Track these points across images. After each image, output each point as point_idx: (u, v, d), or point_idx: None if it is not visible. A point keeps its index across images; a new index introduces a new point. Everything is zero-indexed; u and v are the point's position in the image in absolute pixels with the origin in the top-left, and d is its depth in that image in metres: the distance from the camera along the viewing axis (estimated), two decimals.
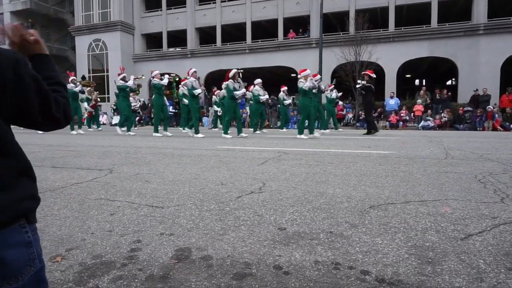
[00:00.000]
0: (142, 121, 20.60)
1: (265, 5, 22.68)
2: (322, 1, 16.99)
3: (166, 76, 10.49)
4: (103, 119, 20.78)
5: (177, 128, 14.71)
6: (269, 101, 13.57)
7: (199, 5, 24.58)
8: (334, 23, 21.14)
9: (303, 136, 8.54)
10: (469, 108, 15.36)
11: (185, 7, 24.47)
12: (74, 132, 11.22)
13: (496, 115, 14.68)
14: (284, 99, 13.42)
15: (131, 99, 13.03)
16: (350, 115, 18.62)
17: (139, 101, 18.75)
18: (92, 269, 1.37)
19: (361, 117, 16.30)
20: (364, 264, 1.38)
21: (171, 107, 18.11)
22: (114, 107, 23.04)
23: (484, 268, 1.33)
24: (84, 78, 14.83)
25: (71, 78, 12.14)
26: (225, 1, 23.69)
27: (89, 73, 25.78)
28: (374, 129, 10.36)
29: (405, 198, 2.40)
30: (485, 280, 1.23)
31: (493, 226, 1.81)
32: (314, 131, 9.19)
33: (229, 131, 9.34)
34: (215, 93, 14.96)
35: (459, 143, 6.88)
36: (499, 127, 14.15)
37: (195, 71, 9.96)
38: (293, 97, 20.41)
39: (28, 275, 0.70)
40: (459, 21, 19.42)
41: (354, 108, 18.71)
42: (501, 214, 2.00)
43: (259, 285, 1.23)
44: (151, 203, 2.35)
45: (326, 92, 12.52)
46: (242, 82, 12.60)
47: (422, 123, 15.56)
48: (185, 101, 11.78)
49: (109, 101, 23.57)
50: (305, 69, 9.13)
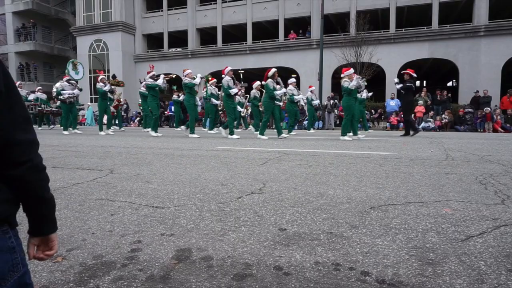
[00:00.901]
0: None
1: (266, 6, 22.70)
2: (323, 2, 17.00)
3: (199, 75, 10.11)
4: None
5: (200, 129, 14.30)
6: (304, 102, 13.12)
7: (200, 5, 24.61)
8: (334, 24, 21.15)
9: (346, 137, 8.24)
10: (469, 110, 15.35)
11: (186, 7, 24.51)
12: (103, 133, 10.84)
13: (498, 116, 14.67)
14: (312, 99, 13.22)
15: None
16: None
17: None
18: (92, 269, 1.37)
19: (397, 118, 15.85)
20: (364, 265, 1.38)
21: (173, 107, 18.07)
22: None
23: (485, 269, 1.33)
24: (115, 77, 14.35)
25: (101, 77, 11.72)
26: (226, 2, 23.71)
27: (90, 73, 25.80)
28: (414, 130, 9.77)
29: (405, 199, 2.39)
30: (485, 282, 1.23)
31: (493, 227, 1.80)
32: (357, 132, 8.84)
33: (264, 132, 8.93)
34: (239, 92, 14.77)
35: (459, 145, 6.88)
36: (499, 128, 14.15)
37: (231, 70, 9.49)
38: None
39: (12, 280, 0.69)
40: (460, 22, 19.42)
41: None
42: (502, 216, 2.00)
43: (259, 286, 1.23)
44: (152, 203, 2.35)
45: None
46: (242, 82, 12.54)
47: (423, 124, 15.55)
48: (214, 101, 11.53)
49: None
50: (349, 68, 8.80)
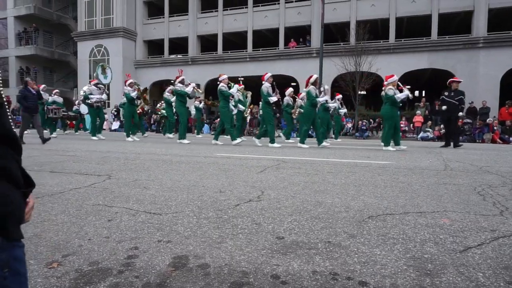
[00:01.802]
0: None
1: (266, 14, 22.91)
2: (323, 11, 17.16)
3: (236, 86, 9.79)
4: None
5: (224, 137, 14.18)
6: (337, 107, 12.88)
7: (201, 13, 24.82)
8: (335, 33, 21.33)
9: (390, 148, 8.09)
10: (468, 120, 15.42)
11: (187, 14, 24.72)
12: (130, 139, 10.50)
13: (495, 127, 14.74)
14: (339, 108, 13.08)
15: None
16: (350, 125, 18.67)
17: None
18: (88, 275, 1.36)
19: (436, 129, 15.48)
20: (362, 275, 1.37)
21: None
22: (115, 112, 23.07)
23: (483, 281, 1.32)
24: (146, 90, 13.84)
25: (130, 81, 11.16)
26: (226, 10, 23.93)
27: (90, 78, 25.86)
28: (456, 143, 9.49)
29: (404, 209, 2.39)
30: None
31: (492, 239, 1.80)
32: (400, 142, 8.49)
33: (296, 140, 8.83)
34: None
35: (458, 155, 6.89)
36: (498, 139, 14.19)
37: (271, 76, 9.12)
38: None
39: None
40: (459, 34, 19.61)
41: (354, 118, 18.76)
42: (500, 227, 1.99)
43: None
44: (149, 209, 2.34)
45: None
46: (245, 90, 12.48)
47: (422, 134, 15.60)
48: (241, 107, 11.34)
49: (109, 106, 23.61)
50: (392, 75, 8.48)
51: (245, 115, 13.53)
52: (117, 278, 1.33)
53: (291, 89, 12.27)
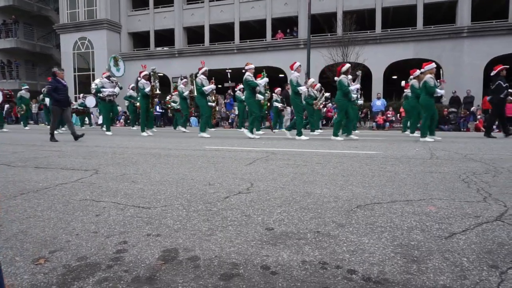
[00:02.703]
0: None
1: (253, 5, 22.70)
2: (310, 2, 17.09)
3: (266, 78, 9.39)
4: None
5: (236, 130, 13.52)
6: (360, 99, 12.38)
7: (187, 4, 24.45)
8: (322, 24, 21.30)
9: (428, 138, 7.86)
10: (453, 109, 15.67)
11: (172, 6, 24.31)
12: (145, 134, 9.96)
13: (479, 116, 15.02)
14: (357, 99, 12.39)
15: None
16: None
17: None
18: (76, 271, 1.34)
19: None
20: (351, 263, 1.39)
21: (157, 107, 17.76)
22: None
23: (468, 266, 1.36)
24: (155, 72, 12.76)
25: (144, 72, 10.31)
26: (213, 1, 23.62)
27: (74, 72, 25.34)
28: (506, 132, 9.14)
29: (391, 198, 2.43)
30: (468, 278, 1.26)
31: (476, 224, 1.85)
32: (434, 132, 8.30)
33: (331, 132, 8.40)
34: (237, 88, 14.00)
35: (443, 144, 7.01)
36: (482, 127, 14.48)
37: (300, 65, 8.71)
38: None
39: None
40: (444, 23, 19.82)
41: None
42: (484, 213, 2.04)
43: (246, 286, 1.22)
44: (138, 203, 2.32)
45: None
46: (230, 82, 12.22)
47: (409, 124, 15.78)
48: (260, 96, 10.56)
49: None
50: (430, 62, 8.25)
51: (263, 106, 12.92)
52: (106, 273, 1.32)
53: (312, 80, 11.90)
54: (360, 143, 7.20)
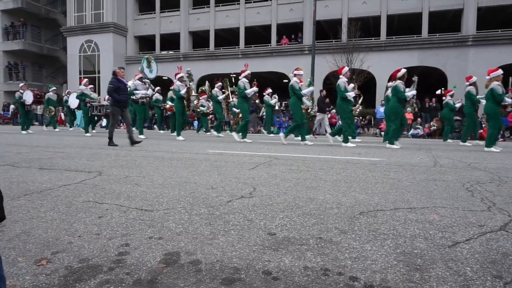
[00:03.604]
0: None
1: (258, 11, 22.83)
2: (315, 8, 17.17)
3: (312, 87, 9.24)
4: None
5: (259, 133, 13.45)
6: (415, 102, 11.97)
7: (193, 9, 24.64)
8: (326, 30, 21.37)
9: (493, 149, 7.48)
10: (457, 118, 15.60)
11: (178, 10, 24.50)
12: (181, 138, 9.52)
13: (484, 125, 14.94)
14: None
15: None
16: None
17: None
18: (78, 273, 1.35)
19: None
20: (353, 270, 1.39)
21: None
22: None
23: (471, 275, 1.34)
24: (190, 75, 11.81)
25: (180, 74, 9.98)
26: (218, 6, 23.78)
27: (80, 74, 25.54)
28: None
29: (394, 205, 2.41)
30: None
31: (480, 234, 1.83)
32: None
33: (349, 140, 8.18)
34: (265, 92, 13.87)
35: (447, 152, 6.98)
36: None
37: (348, 70, 8.46)
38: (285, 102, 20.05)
39: None
40: (449, 32, 19.82)
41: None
42: (488, 223, 2.03)
43: None
44: (140, 206, 2.32)
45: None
46: (234, 86, 12.18)
47: (412, 131, 15.75)
48: (306, 101, 10.41)
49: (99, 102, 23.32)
50: (497, 69, 7.92)
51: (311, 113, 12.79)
52: (107, 275, 1.32)
53: (352, 85, 11.73)
54: (363, 149, 7.18)
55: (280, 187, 3.01)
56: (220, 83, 12.53)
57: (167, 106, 13.32)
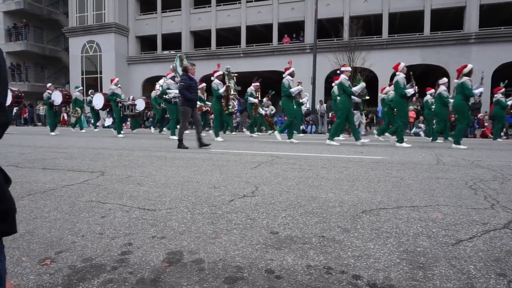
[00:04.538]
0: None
1: (260, 10, 22.81)
2: (317, 7, 17.13)
3: (362, 84, 8.74)
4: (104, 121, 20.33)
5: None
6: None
7: (194, 8, 24.64)
8: (328, 28, 21.32)
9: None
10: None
11: (180, 10, 24.52)
12: (220, 139, 9.16)
13: (486, 123, 14.89)
14: (432, 104, 11.34)
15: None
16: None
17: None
18: (81, 272, 1.35)
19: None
20: (356, 268, 1.38)
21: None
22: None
23: (475, 273, 1.34)
24: (230, 73, 11.17)
25: (218, 73, 9.74)
26: (220, 5, 23.77)
27: (82, 74, 25.63)
28: None
29: (397, 203, 2.41)
30: (475, 286, 1.24)
31: (483, 232, 1.82)
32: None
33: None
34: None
35: (450, 150, 6.95)
36: (489, 134, 14.34)
37: (405, 66, 8.19)
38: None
39: None
40: (451, 29, 19.74)
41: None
42: (491, 220, 2.02)
43: None
44: (143, 205, 2.33)
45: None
46: (237, 86, 11.99)
47: (414, 129, 15.69)
48: (356, 99, 10.06)
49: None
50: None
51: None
52: (110, 274, 1.33)
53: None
54: (365, 148, 7.17)
55: (283, 186, 3.01)
56: (257, 83, 11.94)
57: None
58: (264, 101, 13.72)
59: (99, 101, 13.69)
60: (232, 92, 9.99)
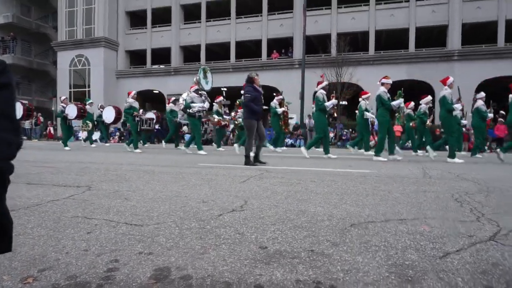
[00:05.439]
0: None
1: (249, 26, 23.16)
2: (305, 23, 17.48)
3: (401, 99, 8.73)
4: (82, 135, 20.09)
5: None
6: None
7: (184, 24, 24.88)
8: (316, 45, 21.73)
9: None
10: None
11: (170, 25, 24.72)
12: (237, 148, 9.30)
13: (471, 138, 15.19)
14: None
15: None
16: (332, 134, 18.90)
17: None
18: None
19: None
20: (345, 283, 1.38)
21: (157, 125, 16.67)
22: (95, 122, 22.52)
23: (462, 286, 1.35)
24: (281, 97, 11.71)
25: (278, 97, 9.96)
26: (210, 21, 24.06)
27: (70, 88, 25.41)
28: None
29: (385, 217, 2.42)
30: None
31: (470, 244, 1.84)
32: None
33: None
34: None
35: (436, 163, 7.06)
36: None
37: (453, 81, 8.08)
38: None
39: None
40: (435, 47, 20.34)
41: (335, 127, 19.03)
42: (477, 233, 2.05)
43: None
44: (130, 221, 2.29)
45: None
46: (225, 100, 12.13)
47: (401, 143, 15.88)
48: (369, 115, 10.59)
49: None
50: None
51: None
52: None
53: (429, 97, 11.17)
54: (354, 161, 7.23)
55: (271, 200, 3.00)
56: (280, 96, 11.76)
57: (215, 120, 12.28)
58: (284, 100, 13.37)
59: (110, 114, 13.44)
60: (289, 115, 10.92)
